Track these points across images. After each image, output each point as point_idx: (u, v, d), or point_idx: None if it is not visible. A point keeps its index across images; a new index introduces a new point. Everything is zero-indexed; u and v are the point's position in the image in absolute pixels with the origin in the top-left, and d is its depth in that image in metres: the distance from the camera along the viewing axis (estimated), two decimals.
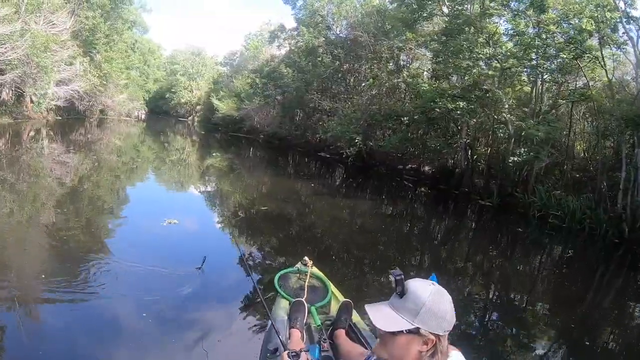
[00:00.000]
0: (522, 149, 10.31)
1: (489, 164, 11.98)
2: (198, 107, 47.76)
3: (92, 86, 28.48)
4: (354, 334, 2.37)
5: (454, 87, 11.96)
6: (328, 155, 17.98)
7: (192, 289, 3.73)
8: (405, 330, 1.16)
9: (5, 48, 18.00)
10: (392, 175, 14.69)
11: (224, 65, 46.39)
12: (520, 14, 10.77)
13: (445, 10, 13.02)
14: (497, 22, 12.18)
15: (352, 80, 19.10)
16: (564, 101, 11.23)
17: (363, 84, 18.18)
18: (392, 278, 1.23)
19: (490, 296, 5.14)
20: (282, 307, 2.63)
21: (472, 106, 10.89)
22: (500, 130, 11.43)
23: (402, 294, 1.20)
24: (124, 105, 39.09)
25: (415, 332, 1.15)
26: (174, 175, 11.84)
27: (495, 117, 11.25)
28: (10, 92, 22.26)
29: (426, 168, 14.37)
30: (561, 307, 4.88)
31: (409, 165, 14.83)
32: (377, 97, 16.09)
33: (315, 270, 3.09)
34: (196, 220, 6.90)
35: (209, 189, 10.59)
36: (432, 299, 1.16)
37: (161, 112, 55.25)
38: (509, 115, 10.75)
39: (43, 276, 3.60)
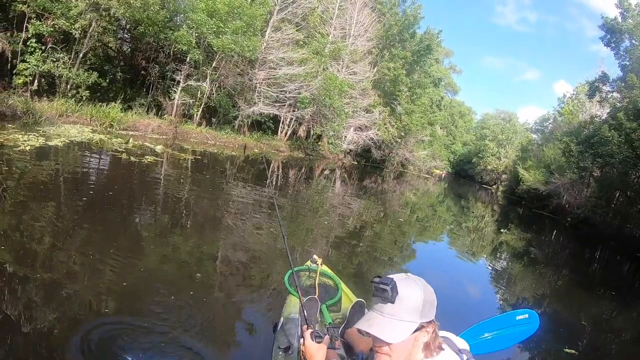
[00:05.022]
0: None
1: None
2: (504, 176, 45.44)
3: (390, 136, 28.87)
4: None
5: None
6: None
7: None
8: (413, 331, 1.19)
9: (297, 85, 19.27)
10: None
11: (535, 132, 42.60)
12: None
13: None
14: None
15: None
16: None
17: None
18: (378, 285, 1.22)
19: None
20: (292, 305, 2.63)
21: None
22: None
23: (393, 299, 1.19)
24: (425, 161, 38.28)
25: (420, 328, 1.19)
26: (465, 243, 10.63)
27: None
28: (312, 131, 24.60)
29: None
30: None
31: None
32: None
33: (325, 268, 3.07)
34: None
35: (497, 267, 8.79)
36: (424, 291, 1.21)
37: (465, 176, 55.51)
38: None
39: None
